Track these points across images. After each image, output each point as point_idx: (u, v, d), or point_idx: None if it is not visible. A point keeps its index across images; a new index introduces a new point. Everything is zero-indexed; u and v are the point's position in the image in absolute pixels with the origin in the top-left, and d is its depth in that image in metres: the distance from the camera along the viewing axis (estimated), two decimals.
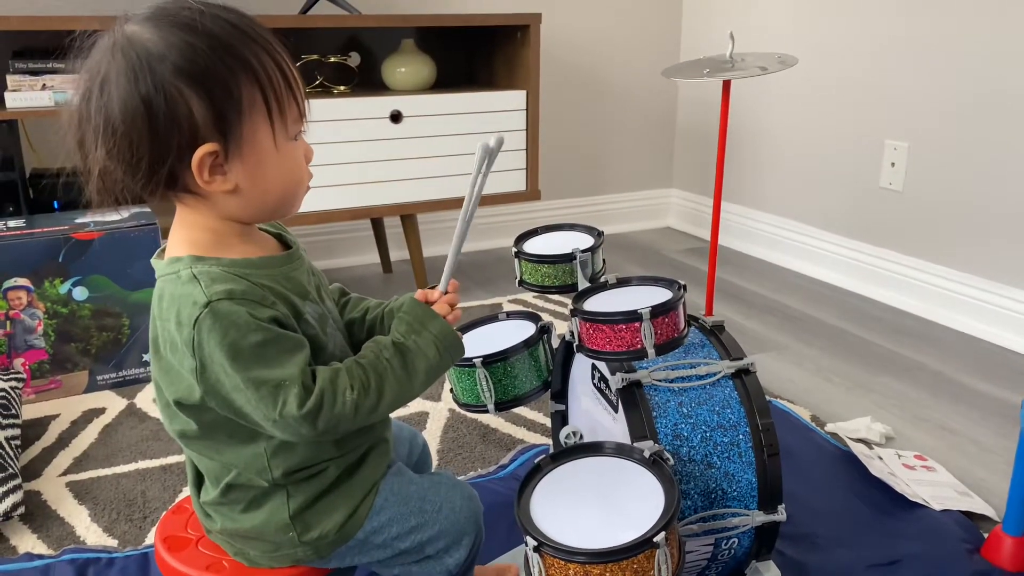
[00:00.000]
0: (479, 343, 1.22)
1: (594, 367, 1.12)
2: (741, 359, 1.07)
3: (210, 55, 0.76)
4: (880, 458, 1.51)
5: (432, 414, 1.70)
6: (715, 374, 1.05)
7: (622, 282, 1.10)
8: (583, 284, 1.19)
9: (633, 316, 0.95)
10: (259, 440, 0.86)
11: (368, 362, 0.85)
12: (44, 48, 1.95)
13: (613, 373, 1.02)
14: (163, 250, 0.87)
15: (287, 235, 0.93)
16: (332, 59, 2.36)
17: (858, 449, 1.52)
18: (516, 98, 2.29)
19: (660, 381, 1.03)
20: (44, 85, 1.87)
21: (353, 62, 2.41)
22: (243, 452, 0.87)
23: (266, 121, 0.79)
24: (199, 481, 0.94)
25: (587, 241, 1.25)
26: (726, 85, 1.72)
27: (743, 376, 1.06)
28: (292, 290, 0.86)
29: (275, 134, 0.80)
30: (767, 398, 1.06)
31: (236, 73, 0.77)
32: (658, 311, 0.95)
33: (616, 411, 1.05)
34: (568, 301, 1.18)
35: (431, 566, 0.93)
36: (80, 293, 1.75)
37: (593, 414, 1.17)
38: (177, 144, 0.77)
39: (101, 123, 0.77)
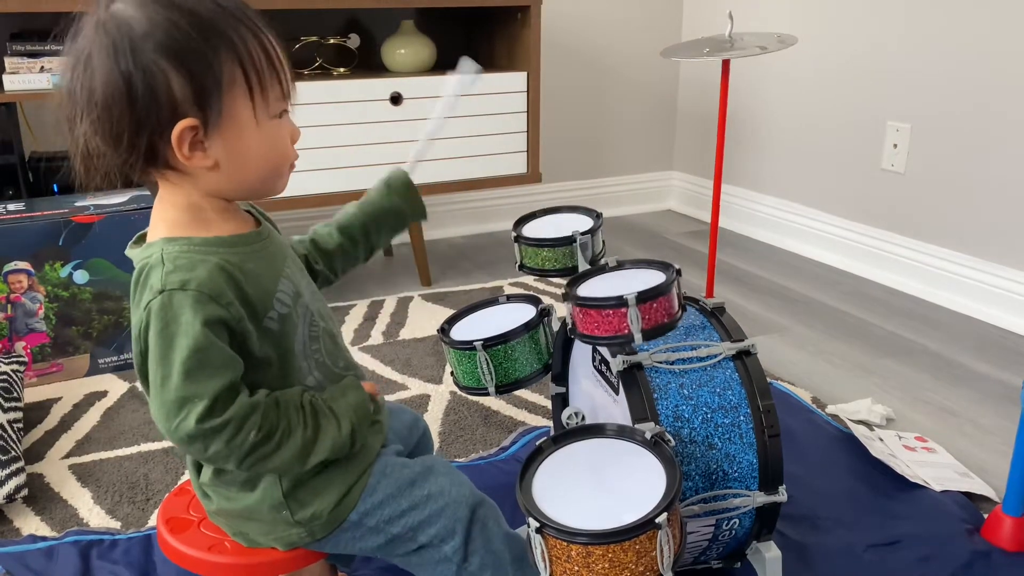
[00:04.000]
0: (479, 326, 1.22)
1: (595, 350, 1.12)
2: (742, 341, 1.07)
3: (191, 32, 0.77)
4: (881, 439, 1.52)
5: (433, 397, 1.70)
6: (716, 356, 1.05)
7: (621, 265, 1.10)
8: (583, 267, 1.19)
9: (619, 302, 0.94)
10: None
11: (283, 409, 0.84)
12: (42, 30, 1.94)
13: (614, 355, 1.02)
14: (141, 236, 0.88)
15: (256, 212, 0.94)
16: (331, 40, 2.35)
17: (859, 431, 1.52)
18: (517, 80, 2.28)
19: (661, 363, 1.03)
20: (42, 67, 1.86)
21: (352, 44, 2.39)
22: None
23: (246, 97, 0.80)
24: (198, 462, 0.94)
25: (587, 223, 1.24)
26: (725, 65, 1.71)
27: (744, 358, 1.06)
28: (265, 269, 0.86)
29: (256, 111, 0.81)
30: (768, 380, 1.06)
31: (217, 49, 0.78)
32: (645, 296, 0.94)
33: (617, 393, 1.05)
34: None
35: (430, 555, 0.92)
36: (81, 276, 1.74)
37: (594, 396, 1.17)
38: (157, 119, 0.78)
39: (84, 99, 0.78)
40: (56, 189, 1.97)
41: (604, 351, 1.06)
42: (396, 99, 2.16)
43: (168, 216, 0.85)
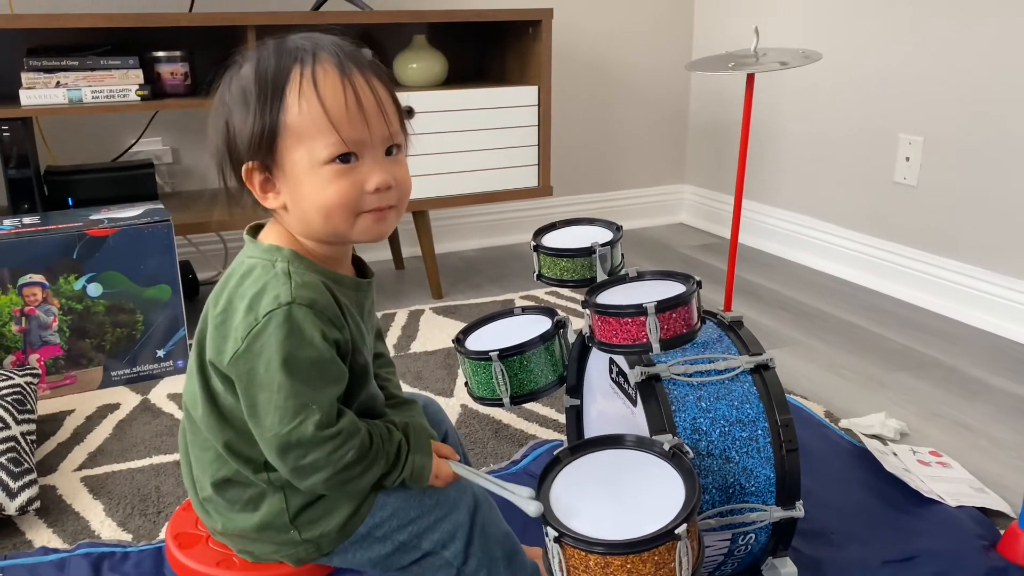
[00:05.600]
0: (495, 337, 1.22)
1: (612, 362, 1.12)
2: (760, 354, 1.07)
3: (254, 89, 0.84)
4: (895, 454, 1.51)
5: (445, 409, 1.69)
6: (734, 369, 1.05)
7: (641, 276, 1.10)
8: (602, 278, 1.19)
9: (639, 310, 0.95)
10: None
11: (375, 439, 0.89)
12: (58, 46, 1.96)
13: (632, 367, 1.02)
14: (256, 227, 0.93)
15: (367, 266, 0.99)
16: None
17: (872, 445, 1.51)
18: (528, 94, 2.29)
19: (679, 375, 1.03)
20: (58, 83, 1.88)
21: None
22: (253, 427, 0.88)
23: (298, 145, 0.84)
24: (194, 477, 0.95)
25: (606, 235, 1.25)
26: (750, 79, 1.71)
27: (762, 371, 1.06)
28: (360, 316, 0.91)
29: (306, 158, 0.84)
30: None
31: (272, 104, 0.83)
32: (664, 306, 0.95)
33: (635, 405, 1.05)
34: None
35: (431, 562, 0.94)
36: (94, 289, 1.75)
37: (609, 409, 1.17)
38: (232, 157, 0.87)
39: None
40: (71, 203, 1.98)
41: (622, 363, 1.07)
42: (408, 113, 2.17)
43: (291, 238, 0.89)
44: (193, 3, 2.20)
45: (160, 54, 2.03)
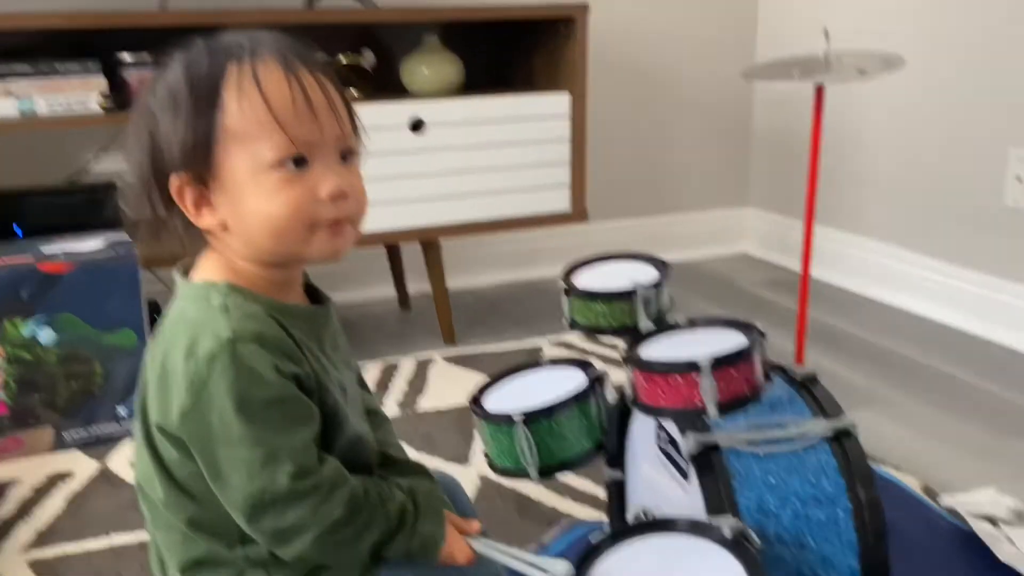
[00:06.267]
0: (519, 395, 1.23)
1: (660, 426, 1.12)
2: (839, 418, 1.07)
3: (184, 90, 0.86)
4: (1010, 539, 1.49)
5: (460, 481, 1.69)
6: (808, 436, 1.05)
7: (693, 324, 1.10)
8: (645, 325, 1.19)
9: (691, 367, 0.95)
10: None
11: (373, 496, 0.89)
12: (10, 49, 2.01)
13: (683, 433, 1.02)
14: (187, 264, 0.94)
15: (320, 291, 1.01)
16: (343, 59, 2.41)
17: (981, 528, 1.49)
18: (559, 102, 2.31)
19: (741, 445, 1.03)
20: (8, 91, 1.92)
21: (367, 62, 2.45)
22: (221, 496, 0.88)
23: (239, 149, 0.86)
24: (162, 559, 0.96)
25: (650, 274, 1.25)
26: (819, 90, 1.72)
27: (842, 439, 1.06)
28: (321, 350, 0.92)
29: (250, 163, 0.86)
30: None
31: (207, 104, 0.85)
32: (721, 362, 0.95)
33: (687, 480, 1.05)
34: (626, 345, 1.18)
35: None
36: (46, 335, 1.78)
37: (658, 484, 1.17)
38: (157, 171, 0.88)
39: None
40: (19, 232, 2.01)
41: (672, 429, 1.06)
42: (417, 126, 2.20)
43: (230, 265, 0.91)
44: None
45: (127, 58, 2.07)
